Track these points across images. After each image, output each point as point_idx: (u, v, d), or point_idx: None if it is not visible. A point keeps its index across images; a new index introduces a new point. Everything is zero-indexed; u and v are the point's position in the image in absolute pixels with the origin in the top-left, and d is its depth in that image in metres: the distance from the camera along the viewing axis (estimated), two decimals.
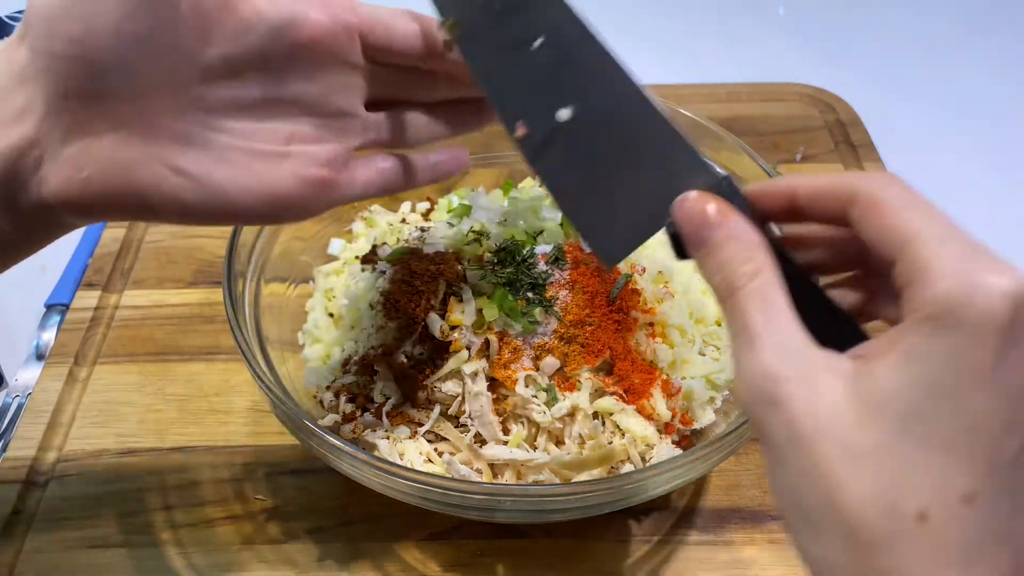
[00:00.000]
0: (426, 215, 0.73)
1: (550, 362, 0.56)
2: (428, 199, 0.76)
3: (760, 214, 0.36)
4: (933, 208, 0.31)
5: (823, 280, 0.37)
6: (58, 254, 0.79)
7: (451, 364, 0.56)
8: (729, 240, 0.34)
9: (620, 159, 0.40)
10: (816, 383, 0.30)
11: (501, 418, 0.56)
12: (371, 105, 0.44)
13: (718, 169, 0.37)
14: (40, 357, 0.71)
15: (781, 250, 0.35)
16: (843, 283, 0.38)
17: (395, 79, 0.44)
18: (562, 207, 0.42)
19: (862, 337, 0.33)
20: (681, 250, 0.37)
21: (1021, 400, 0.28)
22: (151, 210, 0.38)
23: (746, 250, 0.34)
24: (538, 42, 0.41)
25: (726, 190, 0.36)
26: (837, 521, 0.29)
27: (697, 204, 0.35)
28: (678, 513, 0.59)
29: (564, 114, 0.40)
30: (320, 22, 0.39)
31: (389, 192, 0.46)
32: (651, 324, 0.61)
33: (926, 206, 0.31)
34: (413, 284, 0.58)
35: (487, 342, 0.57)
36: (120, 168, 0.36)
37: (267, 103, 0.39)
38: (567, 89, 0.40)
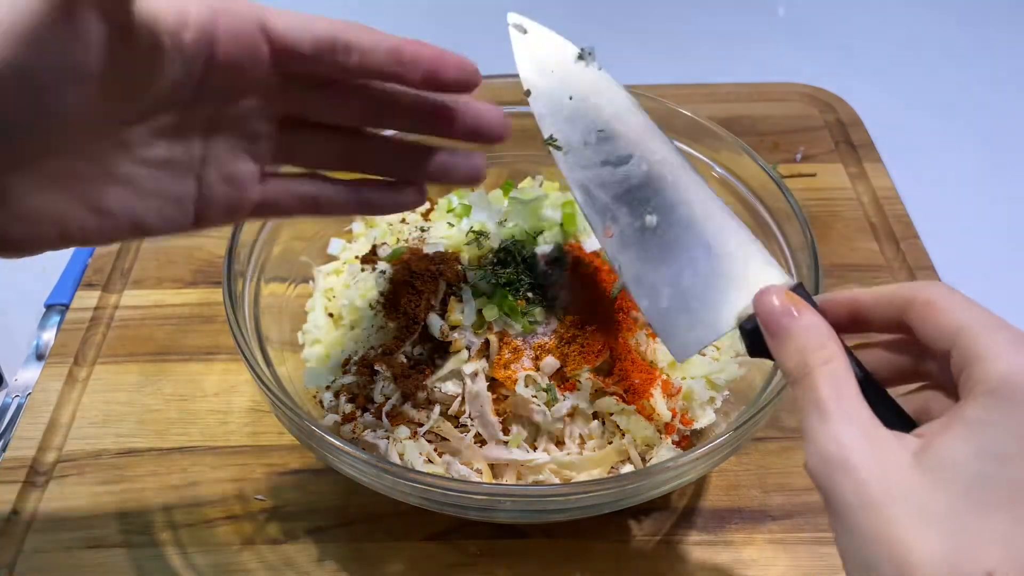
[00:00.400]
0: (426, 215, 0.73)
1: (550, 362, 0.56)
2: (428, 199, 0.76)
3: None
4: (980, 306, 0.36)
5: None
6: (58, 254, 0.79)
7: (451, 364, 0.56)
8: (806, 329, 0.38)
9: (697, 263, 0.45)
10: (885, 452, 0.33)
11: (501, 418, 0.56)
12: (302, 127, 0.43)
13: (788, 277, 0.43)
14: (40, 357, 0.71)
15: (847, 350, 0.39)
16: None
17: (306, 95, 0.42)
18: (639, 302, 0.46)
19: (915, 427, 0.37)
20: (755, 347, 0.42)
21: None
22: (71, 242, 0.38)
23: (820, 338, 0.38)
24: (632, 161, 0.48)
25: (799, 293, 0.41)
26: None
27: (778, 296, 0.40)
28: (678, 513, 0.59)
29: (650, 220, 0.46)
30: (229, 51, 0.37)
31: (311, 214, 0.45)
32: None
33: (975, 304, 0.36)
34: (413, 284, 0.58)
35: (487, 342, 0.57)
36: (47, 219, 0.36)
37: (181, 128, 0.39)
38: (653, 199, 0.47)
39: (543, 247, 0.61)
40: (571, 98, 0.50)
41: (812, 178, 0.83)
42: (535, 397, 0.56)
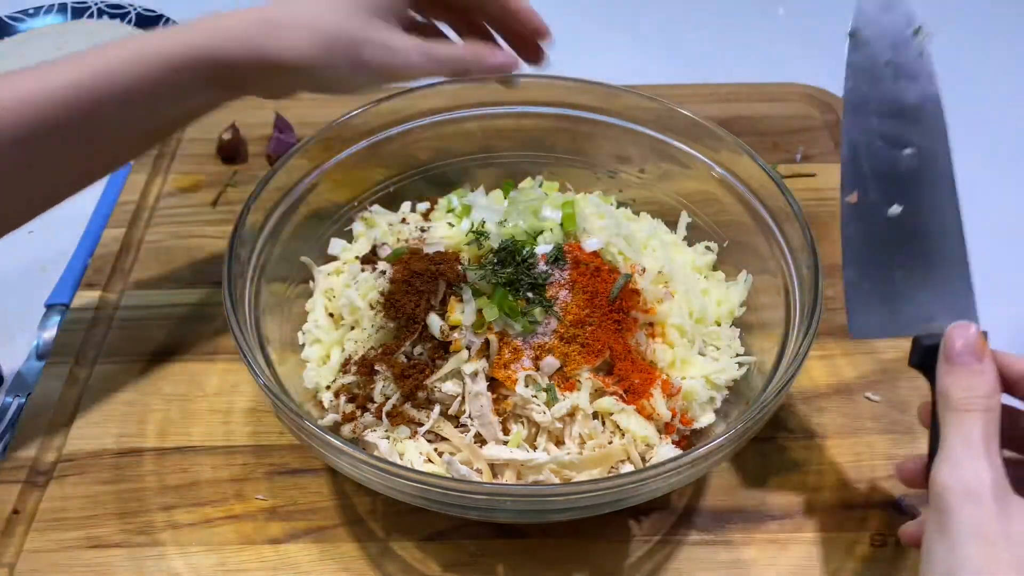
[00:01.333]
0: (426, 215, 0.73)
1: (550, 362, 0.56)
2: (428, 199, 0.76)
3: None
4: None
5: None
6: (58, 254, 0.79)
7: (451, 364, 0.56)
8: (983, 373, 0.42)
9: (914, 267, 0.48)
10: (1009, 503, 0.39)
11: (501, 418, 0.56)
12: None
13: (977, 321, 0.46)
14: (41, 357, 0.71)
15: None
16: None
17: None
18: (846, 271, 0.49)
19: None
20: (919, 359, 0.46)
21: None
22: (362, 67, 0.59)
23: (990, 387, 0.42)
24: (908, 151, 0.50)
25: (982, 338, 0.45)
26: None
27: (974, 336, 0.44)
28: (678, 513, 0.59)
29: (895, 209, 0.49)
30: None
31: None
32: (651, 324, 0.61)
33: None
34: (413, 284, 0.58)
35: (487, 342, 0.57)
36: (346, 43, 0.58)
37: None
38: (907, 192, 0.49)
39: (543, 247, 0.61)
40: (886, 63, 0.50)
41: (812, 178, 0.83)
42: (535, 397, 0.56)
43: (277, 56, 0.56)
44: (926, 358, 0.46)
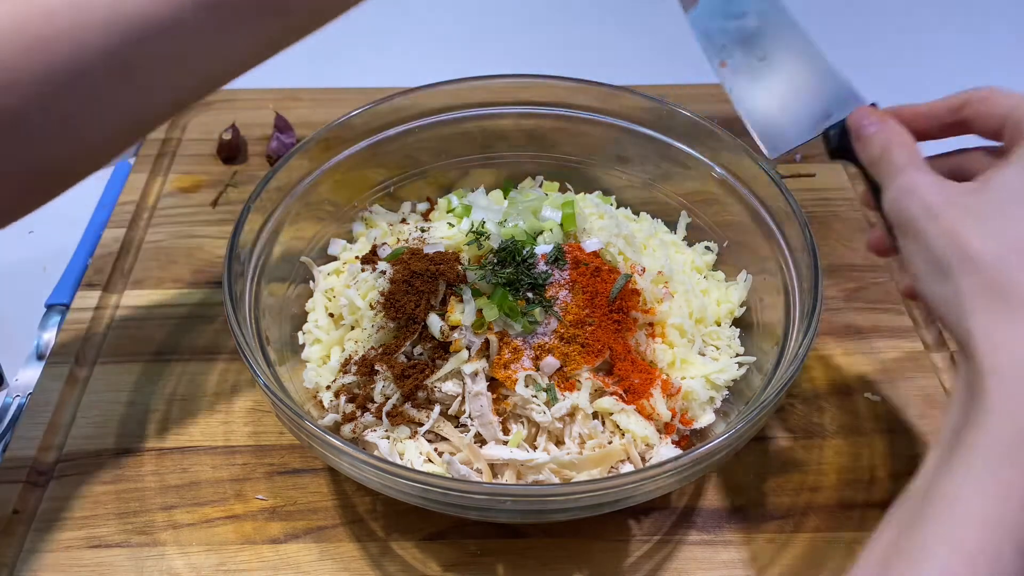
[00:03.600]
0: (426, 215, 0.73)
1: (550, 362, 0.56)
2: (428, 199, 0.76)
3: None
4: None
5: None
6: (58, 254, 0.79)
7: (451, 364, 0.56)
8: (888, 128, 0.48)
9: (794, 81, 0.56)
10: (947, 186, 0.43)
11: (501, 418, 0.56)
12: None
13: (864, 96, 0.53)
14: (40, 357, 0.71)
15: None
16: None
17: None
18: (742, 111, 0.57)
19: None
20: (834, 149, 0.52)
21: None
22: None
23: (900, 132, 0.47)
24: (748, 17, 0.59)
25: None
26: (968, 260, 0.40)
27: (867, 110, 0.50)
28: (678, 513, 0.59)
29: (760, 55, 0.58)
30: None
31: None
32: (651, 324, 0.61)
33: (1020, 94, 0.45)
34: (413, 284, 0.58)
35: (487, 342, 0.57)
36: None
37: None
38: (762, 43, 0.58)
39: (543, 247, 0.61)
40: None
41: (812, 178, 0.83)
42: (535, 397, 0.56)
43: None
44: (838, 144, 0.52)
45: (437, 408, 0.56)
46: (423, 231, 0.66)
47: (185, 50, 0.51)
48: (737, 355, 0.64)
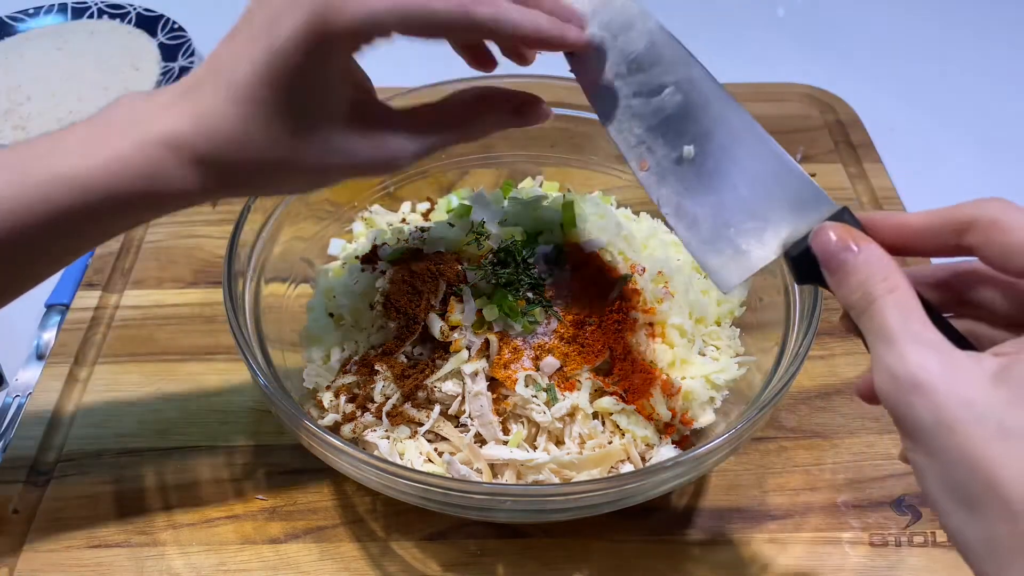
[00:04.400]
0: (426, 215, 0.73)
1: (550, 362, 0.56)
2: (428, 199, 0.76)
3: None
4: None
5: None
6: None
7: (451, 364, 0.56)
8: (867, 263, 0.37)
9: (737, 191, 0.44)
10: (961, 372, 0.32)
11: (501, 418, 0.56)
12: None
13: (831, 201, 0.42)
14: (40, 357, 0.71)
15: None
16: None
17: None
18: (680, 234, 0.46)
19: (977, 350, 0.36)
20: (802, 274, 0.41)
21: None
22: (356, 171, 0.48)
23: (884, 270, 0.37)
24: (667, 91, 0.46)
25: (848, 220, 0.40)
26: (998, 499, 0.30)
27: (835, 231, 0.39)
28: (678, 513, 0.59)
29: (688, 151, 0.45)
30: None
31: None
32: (651, 324, 0.61)
33: None
34: (413, 284, 0.58)
35: (487, 342, 0.57)
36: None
37: None
38: (690, 129, 0.45)
39: (543, 247, 0.61)
40: (603, 30, 0.48)
41: (812, 178, 0.83)
42: (535, 397, 0.56)
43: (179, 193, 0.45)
44: (806, 268, 0.40)
45: (437, 408, 0.56)
46: (423, 231, 0.66)
47: None
48: (737, 355, 0.64)
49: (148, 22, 1.08)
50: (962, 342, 0.37)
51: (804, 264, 0.40)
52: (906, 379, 0.33)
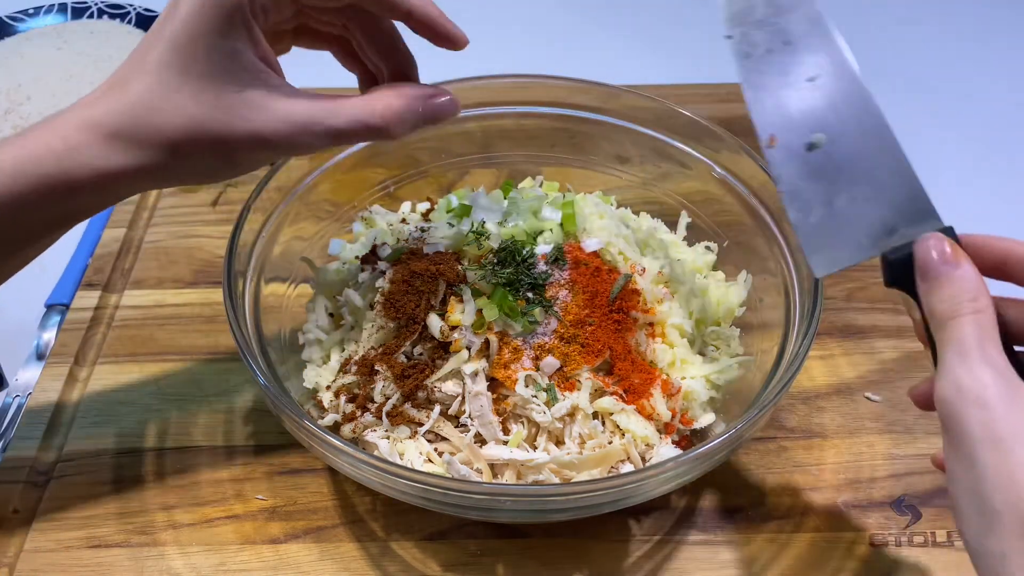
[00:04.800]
0: (426, 215, 0.73)
1: (550, 362, 0.56)
2: (428, 199, 0.76)
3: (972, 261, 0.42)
4: None
5: None
6: (58, 254, 0.78)
7: (451, 364, 0.56)
8: (962, 278, 0.40)
9: (856, 188, 0.46)
10: (1019, 398, 0.36)
11: (501, 418, 0.56)
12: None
13: (938, 217, 0.44)
14: (40, 357, 0.71)
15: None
16: None
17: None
18: (790, 214, 0.47)
19: None
20: (895, 278, 0.44)
21: None
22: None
23: (974, 289, 0.40)
24: (815, 80, 0.48)
25: (951, 237, 0.43)
26: (1019, 518, 0.33)
27: (940, 243, 0.41)
28: (678, 513, 0.59)
29: (820, 138, 0.47)
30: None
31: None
32: (651, 324, 0.61)
33: None
34: (413, 284, 0.58)
35: (487, 342, 0.57)
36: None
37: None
38: (827, 119, 0.47)
39: (543, 247, 0.61)
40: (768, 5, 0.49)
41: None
42: (535, 397, 0.56)
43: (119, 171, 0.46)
44: (900, 273, 0.43)
45: (437, 408, 0.56)
46: (423, 231, 0.66)
47: None
48: (737, 355, 0.64)
49: (148, 22, 1.08)
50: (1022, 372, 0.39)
51: (899, 269, 0.43)
52: (970, 392, 0.36)
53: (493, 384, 0.57)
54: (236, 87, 0.46)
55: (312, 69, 0.65)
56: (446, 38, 0.51)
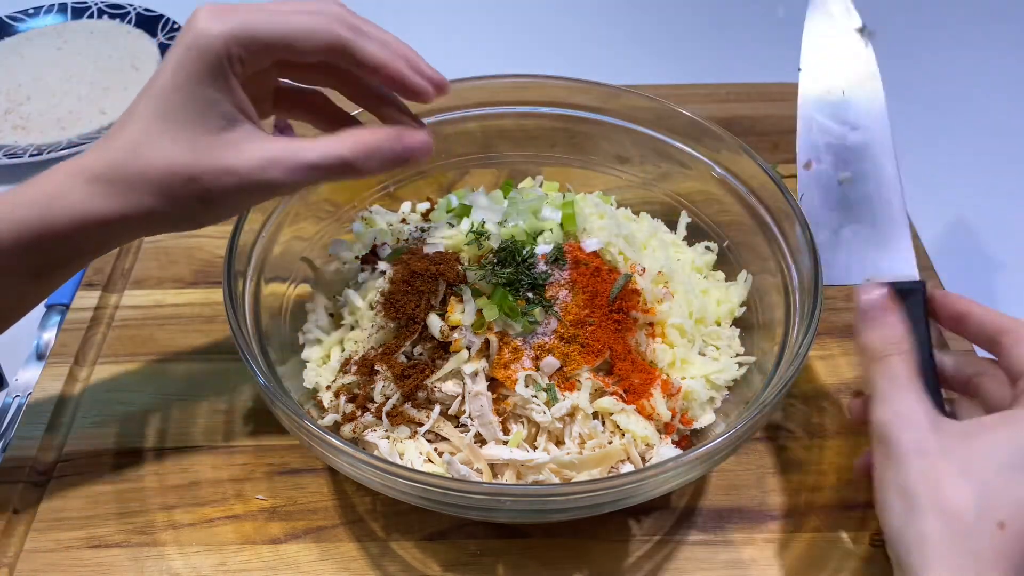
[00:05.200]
0: (426, 215, 0.73)
1: (550, 362, 0.56)
2: (428, 199, 0.76)
3: (934, 313, 0.53)
4: None
5: None
6: None
7: (451, 364, 0.56)
8: (893, 324, 0.49)
9: (860, 225, 0.57)
10: (942, 424, 0.45)
11: (501, 418, 0.56)
12: None
13: (915, 269, 0.55)
14: (40, 357, 0.71)
15: (930, 344, 0.51)
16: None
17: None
18: (812, 227, 0.57)
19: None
20: None
21: None
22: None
23: (901, 334, 0.49)
24: (855, 130, 0.59)
25: (918, 288, 0.53)
26: (942, 510, 0.42)
27: (881, 293, 0.51)
28: (678, 513, 0.59)
29: (846, 177, 0.58)
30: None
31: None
32: (651, 324, 0.61)
33: None
34: (413, 284, 0.58)
35: (487, 342, 0.57)
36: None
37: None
38: (857, 163, 0.58)
39: (543, 247, 0.61)
40: (834, 54, 0.61)
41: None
42: (535, 397, 0.56)
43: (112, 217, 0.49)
44: None
45: (437, 408, 0.56)
46: (423, 231, 0.66)
47: None
48: (737, 355, 0.64)
49: (148, 22, 1.08)
50: (940, 407, 0.49)
51: None
52: (903, 416, 0.46)
53: (493, 384, 0.57)
54: (213, 131, 0.49)
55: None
56: (415, 92, 0.53)
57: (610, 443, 0.56)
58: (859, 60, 0.60)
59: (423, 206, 0.75)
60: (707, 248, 0.71)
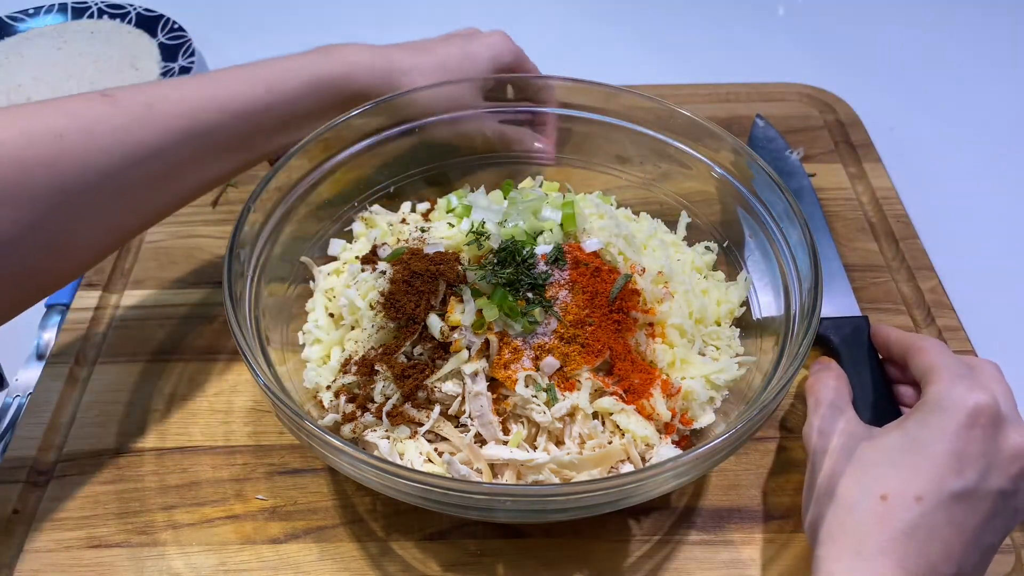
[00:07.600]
0: (426, 215, 0.73)
1: (550, 362, 0.56)
2: (428, 199, 0.76)
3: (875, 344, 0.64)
4: (955, 356, 0.54)
5: None
6: None
7: (451, 364, 0.56)
8: (818, 374, 0.59)
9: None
10: (853, 436, 0.53)
11: (501, 418, 0.56)
12: None
13: (857, 308, 0.69)
14: (40, 357, 0.71)
15: (879, 365, 0.63)
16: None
17: None
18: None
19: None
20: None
21: (966, 460, 0.48)
22: None
23: (821, 380, 0.58)
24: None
25: (860, 323, 0.66)
26: (834, 497, 0.50)
27: (818, 360, 0.62)
28: (678, 513, 0.59)
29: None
30: None
31: None
32: (651, 324, 0.61)
33: (949, 354, 0.54)
34: (413, 284, 0.58)
35: (487, 342, 0.57)
36: None
37: None
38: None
39: (543, 247, 0.61)
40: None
41: (812, 178, 0.83)
42: (535, 397, 0.56)
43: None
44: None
45: (437, 408, 0.56)
46: (423, 231, 0.66)
47: (168, 172, 0.59)
48: (737, 355, 0.64)
49: (148, 22, 1.08)
50: (895, 414, 0.59)
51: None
52: (818, 426, 0.55)
53: (493, 384, 0.57)
54: None
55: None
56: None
57: (610, 443, 0.56)
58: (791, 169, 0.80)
59: (423, 206, 0.75)
60: (707, 248, 0.71)
